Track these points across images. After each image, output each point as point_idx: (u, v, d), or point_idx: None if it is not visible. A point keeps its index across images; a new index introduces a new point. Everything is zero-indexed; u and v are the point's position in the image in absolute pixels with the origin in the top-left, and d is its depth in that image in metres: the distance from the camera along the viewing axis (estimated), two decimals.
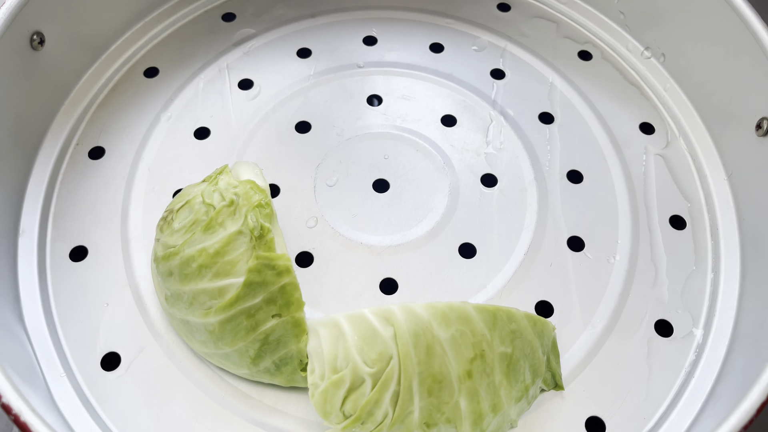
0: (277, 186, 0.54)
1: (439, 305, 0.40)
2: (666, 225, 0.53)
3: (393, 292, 0.49)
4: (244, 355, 0.42)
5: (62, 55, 0.55)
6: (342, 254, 0.51)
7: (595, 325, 0.48)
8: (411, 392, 0.38)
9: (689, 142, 0.57)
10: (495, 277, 0.50)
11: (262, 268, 0.40)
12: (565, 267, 0.51)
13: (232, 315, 0.41)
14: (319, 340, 0.40)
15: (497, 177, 0.55)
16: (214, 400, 0.44)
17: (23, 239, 0.50)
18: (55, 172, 0.54)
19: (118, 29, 0.61)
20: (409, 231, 0.52)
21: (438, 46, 0.63)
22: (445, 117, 0.58)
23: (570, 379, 0.46)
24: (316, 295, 0.49)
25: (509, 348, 0.41)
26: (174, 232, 0.43)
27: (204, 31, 0.63)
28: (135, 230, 0.51)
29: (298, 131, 0.57)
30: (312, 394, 0.40)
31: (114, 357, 0.46)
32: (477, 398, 0.39)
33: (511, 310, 0.42)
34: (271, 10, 0.65)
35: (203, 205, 0.43)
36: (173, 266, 0.42)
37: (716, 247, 0.52)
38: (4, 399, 0.34)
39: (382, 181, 0.54)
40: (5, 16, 0.49)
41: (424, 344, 0.38)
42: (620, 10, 0.62)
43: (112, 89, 0.59)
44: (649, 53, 0.61)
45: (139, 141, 0.56)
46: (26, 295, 0.48)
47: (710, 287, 0.50)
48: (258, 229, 0.41)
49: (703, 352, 0.47)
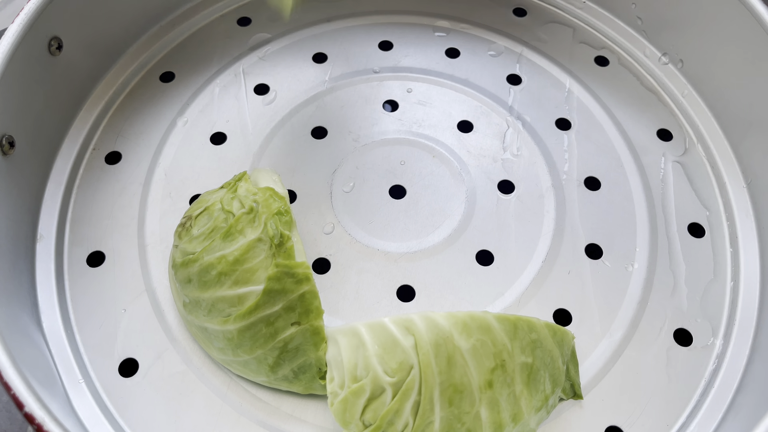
0: (294, 192, 0.54)
1: (460, 314, 0.40)
2: (684, 233, 0.53)
3: (410, 299, 0.49)
4: (262, 362, 0.42)
5: (79, 60, 0.55)
6: (359, 261, 0.50)
7: (613, 333, 0.48)
8: (432, 402, 0.38)
9: (707, 149, 0.57)
10: (513, 284, 0.50)
11: (281, 276, 0.40)
12: (583, 275, 0.50)
13: (252, 323, 0.40)
14: (338, 349, 0.40)
15: (514, 183, 0.55)
16: (232, 407, 0.44)
17: (41, 244, 0.50)
18: (73, 177, 0.54)
19: (134, 34, 0.61)
20: (426, 238, 0.52)
21: (454, 51, 0.63)
22: (462, 123, 0.58)
23: (589, 388, 0.46)
24: (334, 302, 0.49)
25: (530, 358, 0.41)
26: (193, 239, 0.43)
27: (220, 35, 0.63)
28: (152, 235, 0.51)
29: (314, 137, 0.57)
30: (331, 402, 0.40)
31: (132, 363, 0.46)
32: (497, 408, 0.39)
33: (532, 320, 0.42)
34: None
35: (222, 212, 0.43)
36: (192, 273, 0.42)
37: (735, 256, 0.51)
38: (26, 408, 0.34)
39: (399, 187, 0.54)
40: (23, 22, 0.49)
41: (445, 354, 0.38)
42: (637, 15, 0.62)
43: (128, 94, 0.59)
44: (667, 59, 0.61)
45: (155, 146, 0.56)
46: (44, 301, 0.48)
47: (730, 296, 0.50)
48: (278, 237, 0.41)
49: (722, 361, 0.47)
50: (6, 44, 0.47)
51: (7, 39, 0.48)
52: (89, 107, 0.57)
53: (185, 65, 0.61)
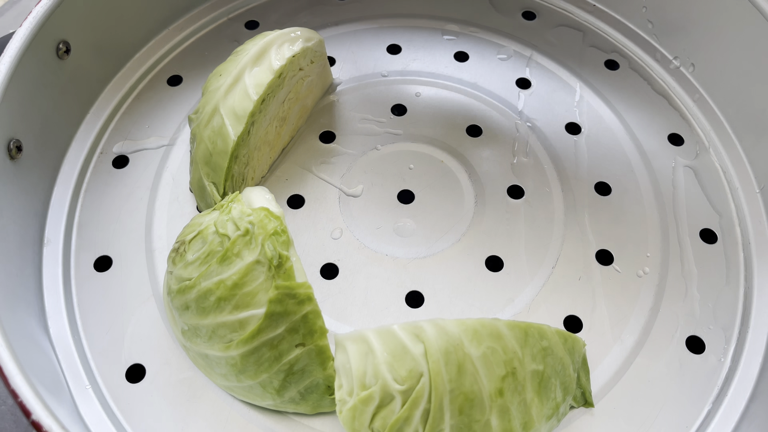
0: (302, 197, 0.53)
1: (470, 322, 0.39)
2: (696, 238, 0.52)
3: (419, 305, 0.49)
4: (268, 386, 0.41)
5: (87, 64, 0.55)
6: (367, 266, 0.50)
7: (624, 340, 0.47)
8: (442, 410, 0.37)
9: (719, 154, 0.56)
10: (523, 290, 0.49)
11: (283, 297, 0.40)
12: (593, 281, 0.50)
13: (255, 347, 0.40)
14: (347, 356, 0.40)
15: (524, 188, 0.54)
16: (240, 414, 0.44)
17: (48, 249, 0.50)
18: (80, 181, 0.54)
19: (142, 38, 0.61)
20: (434, 243, 0.51)
21: (463, 54, 0.62)
22: (471, 127, 0.58)
23: (600, 395, 0.45)
24: (342, 308, 0.48)
25: (540, 365, 0.40)
26: (188, 265, 0.42)
27: (227, 39, 0.63)
28: (159, 240, 0.51)
29: (322, 141, 0.57)
30: (340, 410, 0.39)
31: (139, 369, 0.46)
32: (508, 416, 0.39)
33: (542, 327, 0.41)
34: (295, 17, 0.64)
35: (217, 236, 0.42)
36: (189, 300, 0.42)
37: (748, 262, 0.51)
38: (34, 416, 0.34)
39: (408, 191, 0.54)
40: (32, 26, 0.49)
41: (456, 362, 0.38)
42: (648, 18, 0.62)
43: (135, 98, 0.59)
44: (678, 63, 0.61)
45: (163, 150, 0.56)
46: (51, 306, 0.48)
47: (742, 303, 0.49)
48: (276, 258, 0.40)
49: (736, 369, 0.46)
50: (14, 48, 0.47)
51: (15, 43, 0.48)
52: (96, 111, 0.57)
53: (192, 69, 0.61)
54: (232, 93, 0.49)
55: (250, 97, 0.48)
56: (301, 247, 0.51)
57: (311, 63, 0.54)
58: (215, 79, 0.50)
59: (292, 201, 0.53)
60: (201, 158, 0.49)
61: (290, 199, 0.53)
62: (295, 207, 0.53)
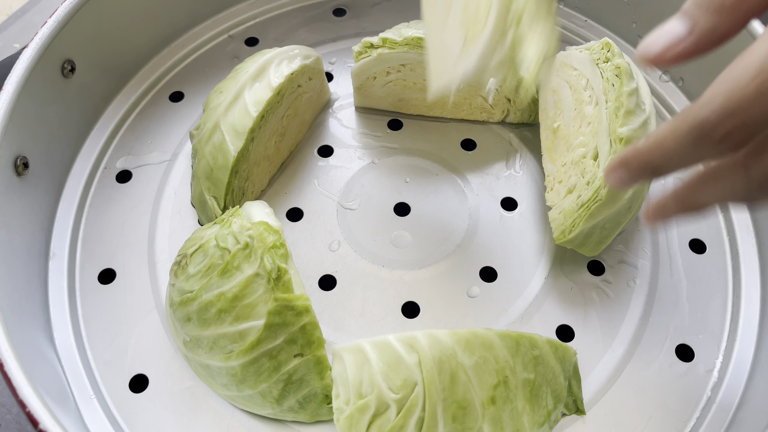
0: (300, 209, 0.55)
1: (463, 332, 0.40)
2: (686, 249, 0.53)
3: (415, 315, 0.50)
4: (267, 395, 0.42)
5: (92, 82, 0.57)
6: (364, 277, 0.51)
7: (615, 349, 0.49)
8: (435, 418, 0.39)
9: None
10: (516, 301, 0.50)
11: (281, 309, 0.41)
12: (585, 291, 0.51)
13: (255, 357, 0.41)
14: (343, 366, 0.41)
15: (517, 201, 0.55)
16: (240, 423, 0.45)
17: (53, 262, 0.51)
18: (84, 196, 0.55)
19: (145, 55, 0.62)
20: (430, 254, 0.53)
21: None
22: (465, 141, 0.59)
23: (591, 403, 0.46)
24: (340, 319, 0.49)
25: (532, 374, 0.41)
26: (190, 277, 0.44)
27: (227, 55, 0.64)
28: (161, 253, 0.52)
29: (320, 155, 0.58)
30: (337, 419, 0.40)
31: (142, 379, 0.47)
32: (500, 424, 0.40)
33: (534, 336, 0.42)
34: (293, 34, 0.66)
35: (218, 249, 0.43)
36: (191, 312, 0.43)
37: (737, 272, 0.52)
38: (41, 426, 0.35)
39: (404, 204, 0.55)
40: (38, 46, 0.50)
41: (449, 371, 0.39)
42: (638, 34, 0.63)
43: (138, 114, 0.60)
44: (668, 77, 0.62)
45: (165, 165, 0.57)
46: (57, 318, 0.49)
47: (731, 312, 0.50)
48: (275, 270, 0.42)
49: (724, 377, 0.47)
50: (21, 67, 0.49)
51: (22, 62, 0.49)
52: (100, 127, 0.58)
53: (194, 85, 0.62)
54: (232, 110, 0.50)
55: (250, 114, 0.50)
56: (300, 258, 0.52)
57: (309, 80, 0.56)
58: (216, 96, 0.52)
59: (291, 214, 0.55)
60: (202, 173, 0.51)
61: (289, 212, 0.55)
62: (294, 219, 0.54)
